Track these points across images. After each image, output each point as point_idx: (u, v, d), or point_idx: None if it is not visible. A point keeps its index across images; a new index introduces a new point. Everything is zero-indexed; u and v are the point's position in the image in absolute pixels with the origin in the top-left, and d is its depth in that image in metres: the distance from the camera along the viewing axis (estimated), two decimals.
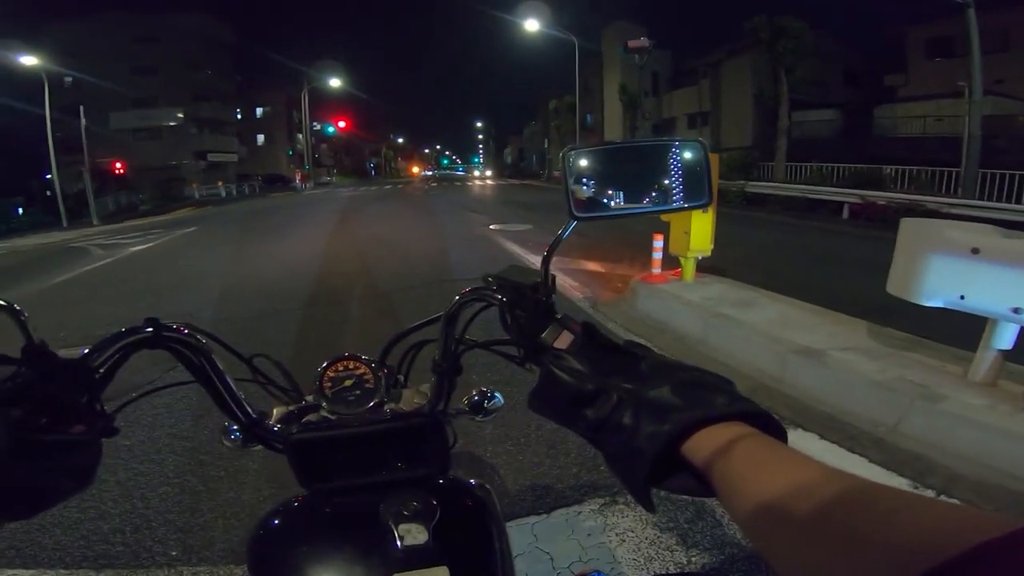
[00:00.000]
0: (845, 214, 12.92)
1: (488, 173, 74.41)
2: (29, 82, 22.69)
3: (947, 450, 2.52)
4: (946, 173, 13.25)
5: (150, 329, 0.59)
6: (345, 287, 6.39)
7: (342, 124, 57.93)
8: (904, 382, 2.89)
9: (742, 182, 16.58)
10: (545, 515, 2.24)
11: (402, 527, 0.63)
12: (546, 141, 46.91)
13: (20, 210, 28.06)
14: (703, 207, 0.63)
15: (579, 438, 0.50)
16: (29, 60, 20.90)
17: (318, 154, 55.16)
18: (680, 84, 31.54)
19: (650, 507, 0.42)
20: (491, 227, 11.63)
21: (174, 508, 2.38)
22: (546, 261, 0.61)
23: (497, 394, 0.80)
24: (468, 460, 2.55)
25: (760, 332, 3.81)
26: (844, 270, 7.00)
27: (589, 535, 2.11)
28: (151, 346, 0.59)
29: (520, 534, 2.09)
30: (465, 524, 0.70)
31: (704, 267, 5.41)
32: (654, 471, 0.41)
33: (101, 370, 0.55)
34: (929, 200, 11.46)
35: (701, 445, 0.40)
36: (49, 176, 23.64)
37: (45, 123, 21.35)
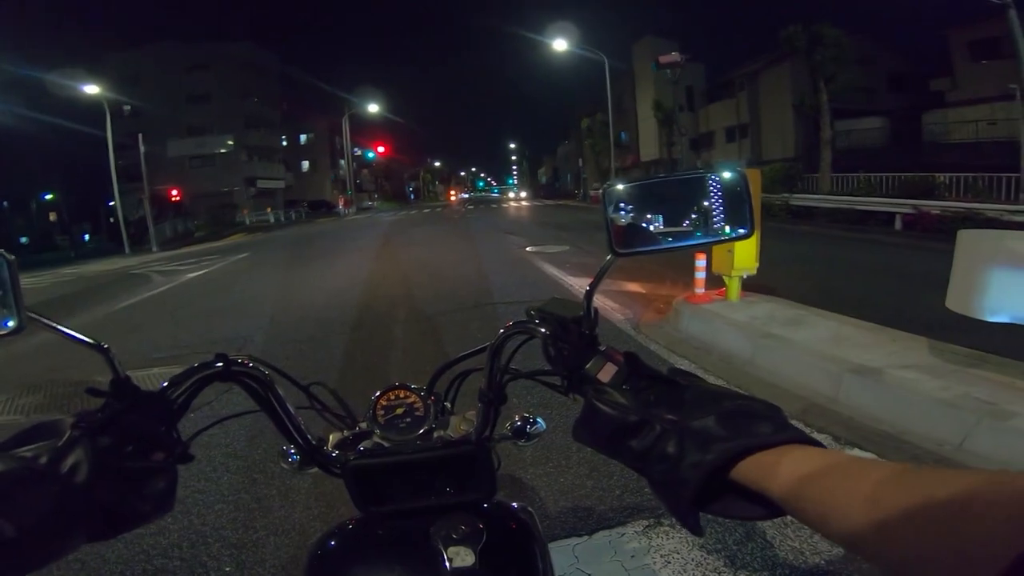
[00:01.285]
0: (897, 225, 12.39)
1: (523, 194, 74.84)
2: (91, 111, 24.14)
3: (1018, 468, 2.36)
4: (1004, 179, 12.56)
5: (220, 364, 0.64)
6: (388, 311, 6.53)
7: (381, 149, 59.67)
8: (970, 399, 2.75)
9: (786, 195, 16.14)
10: (587, 536, 2.21)
11: (451, 550, 0.66)
12: (580, 160, 46.97)
13: (87, 237, 30.09)
14: (745, 238, 0.63)
15: None
16: (92, 89, 22.34)
17: (359, 179, 56.82)
18: (716, 97, 31.18)
19: (698, 531, 0.43)
20: (528, 249, 11.66)
21: (228, 525, 2.46)
22: (589, 295, 0.63)
23: (539, 419, 0.82)
24: (509, 482, 2.55)
25: (812, 351, 3.69)
26: (900, 284, 6.70)
27: (632, 556, 2.07)
28: (222, 379, 0.64)
29: (561, 556, 2.07)
30: (510, 547, 0.73)
31: (750, 286, 5.27)
32: (701, 496, 0.42)
33: (178, 401, 0.59)
34: (988, 208, 10.88)
35: (753, 469, 0.41)
36: (112, 203, 25.18)
37: (108, 151, 22.72)
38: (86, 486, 0.47)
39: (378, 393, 0.77)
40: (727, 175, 0.63)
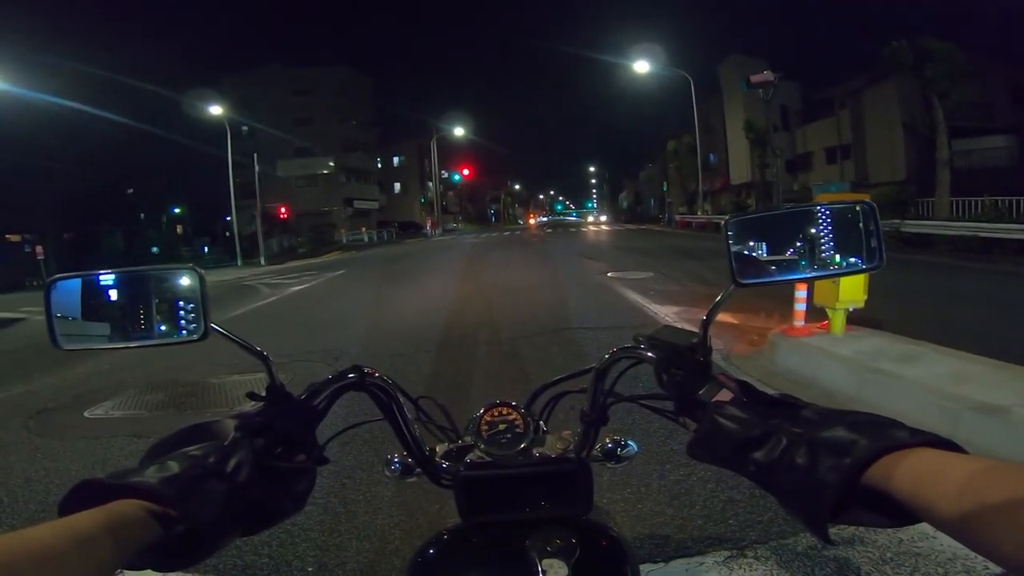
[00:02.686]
0: None
1: (603, 218, 74.13)
2: (213, 130, 26.81)
3: None
4: None
5: (353, 375, 0.71)
6: (471, 332, 6.67)
7: (466, 172, 61.83)
8: None
9: (897, 221, 14.77)
10: (663, 563, 2.13)
11: (545, 562, 0.68)
12: (665, 184, 45.96)
13: (206, 248, 33.44)
14: (874, 270, 0.61)
15: (705, 489, 0.51)
16: (216, 110, 24.84)
17: (445, 201, 59.00)
18: (814, 116, 29.46)
19: (827, 539, 0.43)
20: (609, 274, 11.42)
21: (316, 527, 2.58)
22: (706, 323, 0.64)
23: (631, 442, 0.84)
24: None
25: (926, 388, 3.36)
26: None
27: None
28: (356, 388, 0.71)
29: None
30: (602, 564, 0.73)
31: (856, 319, 4.88)
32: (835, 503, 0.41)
33: (319, 408, 0.66)
34: None
35: (890, 472, 0.39)
36: (229, 218, 27.84)
37: (226, 169, 25.04)
38: (247, 484, 0.52)
39: (482, 409, 0.81)
40: (851, 206, 0.63)
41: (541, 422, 0.84)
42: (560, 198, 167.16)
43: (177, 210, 41.38)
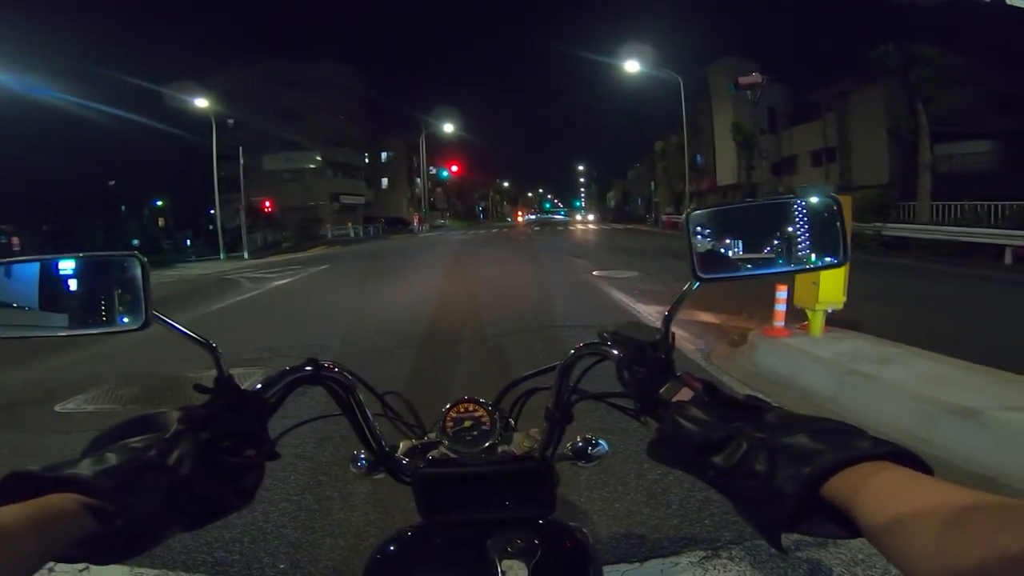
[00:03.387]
0: (1008, 259, 11.23)
1: (590, 217, 74.35)
2: (198, 123, 26.43)
3: None
4: None
5: (310, 368, 0.68)
6: (455, 329, 6.66)
7: (455, 168, 61.67)
8: None
9: (878, 224, 15.03)
10: (639, 563, 2.14)
11: (505, 563, 0.66)
12: (652, 184, 46.23)
13: (188, 241, 33.02)
14: (837, 266, 0.60)
15: (682, 489, 0.50)
16: (202, 103, 24.51)
17: (433, 197, 58.86)
18: (800, 119, 29.76)
19: (781, 549, 0.42)
20: (595, 273, 11.50)
21: (289, 523, 2.55)
22: (668, 320, 0.63)
23: (602, 441, 0.82)
24: (562, 504, 2.49)
25: (904, 390, 3.41)
26: (1010, 323, 6.06)
27: None
28: (311, 382, 0.68)
29: None
30: (564, 565, 0.72)
31: (835, 321, 4.94)
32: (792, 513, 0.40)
33: (271, 401, 0.63)
34: None
35: (846, 485, 0.38)
36: (213, 211, 27.48)
37: (212, 162, 24.70)
38: (190, 478, 0.50)
39: (448, 405, 0.78)
40: (817, 200, 0.61)
41: (511, 420, 0.82)
42: (549, 196, 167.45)
43: (160, 203, 40.75)
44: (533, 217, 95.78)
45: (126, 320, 0.65)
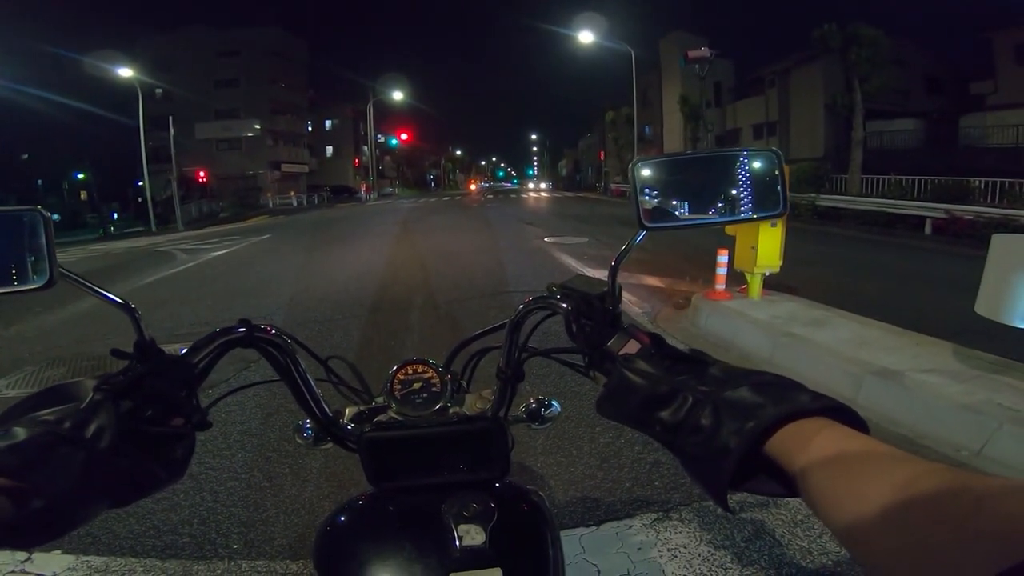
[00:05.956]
0: (927, 230, 12.06)
1: (543, 185, 74.28)
2: (124, 93, 24.68)
3: None
4: None
5: (242, 329, 0.63)
6: (406, 296, 6.57)
7: (404, 136, 60.00)
8: (992, 405, 2.70)
9: (813, 195, 15.77)
10: (595, 527, 2.20)
11: (461, 527, 0.65)
12: (602, 153, 46.52)
13: (115, 215, 30.85)
14: (777, 216, 0.61)
15: (633, 452, 0.50)
16: (126, 72, 22.78)
17: (382, 166, 57.14)
18: (745, 94, 30.58)
19: (727, 508, 0.42)
20: (546, 239, 11.63)
21: (239, 503, 2.48)
22: (613, 271, 0.62)
23: (554, 402, 0.82)
24: (519, 469, 2.54)
25: (833, 352, 3.63)
26: (927, 289, 6.54)
27: (639, 549, 2.06)
28: (244, 345, 0.63)
29: (568, 545, 2.06)
30: (521, 528, 0.72)
31: (772, 285, 5.18)
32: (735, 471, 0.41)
33: (200, 367, 0.58)
34: None
35: (786, 442, 0.39)
36: (141, 183, 25.74)
37: (138, 133, 23.19)
38: (110, 451, 0.45)
39: (396, 367, 0.76)
40: (761, 154, 0.62)
41: (463, 381, 0.81)
42: (502, 165, 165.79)
43: (81, 176, 37.67)
44: (487, 185, 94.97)
45: (30, 278, 0.59)
